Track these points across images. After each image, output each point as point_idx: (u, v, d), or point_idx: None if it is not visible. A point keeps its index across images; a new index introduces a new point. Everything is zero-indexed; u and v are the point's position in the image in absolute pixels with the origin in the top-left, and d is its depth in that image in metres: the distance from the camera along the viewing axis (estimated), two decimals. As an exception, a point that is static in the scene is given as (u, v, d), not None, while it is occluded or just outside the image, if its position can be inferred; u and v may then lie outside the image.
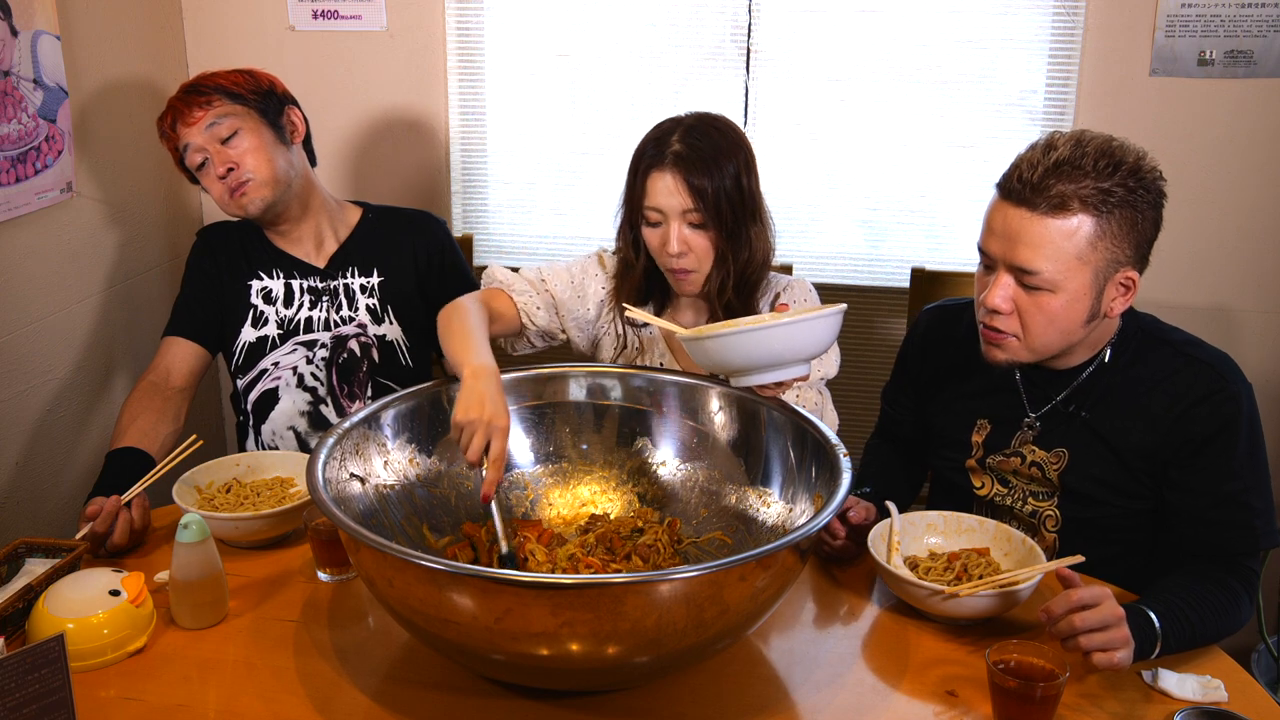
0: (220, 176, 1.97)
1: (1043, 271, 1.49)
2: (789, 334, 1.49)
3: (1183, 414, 1.55)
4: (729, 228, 1.74)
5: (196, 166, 1.99)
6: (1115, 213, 1.47)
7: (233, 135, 1.96)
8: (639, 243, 1.81)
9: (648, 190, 1.74)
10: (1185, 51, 2.44)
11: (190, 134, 1.96)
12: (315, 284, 2.08)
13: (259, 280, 2.08)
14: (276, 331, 2.07)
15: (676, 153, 1.72)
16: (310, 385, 2.07)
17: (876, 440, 1.96)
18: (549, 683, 1.33)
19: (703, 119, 1.77)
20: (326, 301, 2.08)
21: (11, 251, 2.14)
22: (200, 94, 1.97)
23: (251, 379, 2.07)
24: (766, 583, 1.26)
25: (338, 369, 2.07)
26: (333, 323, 2.07)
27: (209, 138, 1.96)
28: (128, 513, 1.64)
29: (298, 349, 2.07)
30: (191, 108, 1.96)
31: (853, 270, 2.70)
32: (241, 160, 1.96)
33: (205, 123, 1.95)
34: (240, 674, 1.39)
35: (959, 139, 2.59)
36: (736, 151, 1.75)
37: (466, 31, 2.67)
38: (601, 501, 1.68)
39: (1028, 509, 1.69)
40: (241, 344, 2.06)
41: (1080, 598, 1.34)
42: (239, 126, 1.97)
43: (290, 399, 2.07)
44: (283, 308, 2.07)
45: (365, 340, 2.08)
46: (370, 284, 2.09)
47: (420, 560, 1.19)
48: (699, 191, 1.70)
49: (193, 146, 1.97)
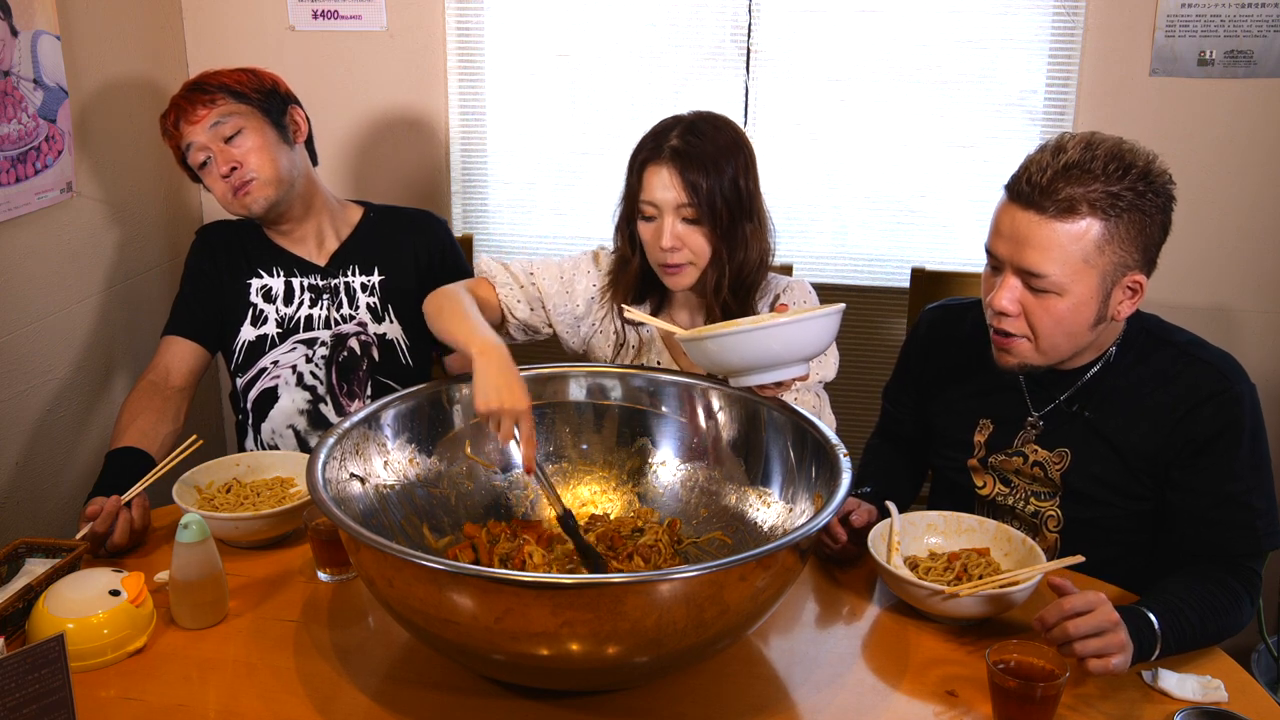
0: (223, 175, 1.96)
1: (1050, 275, 1.49)
2: (787, 334, 1.49)
3: (1186, 414, 1.55)
4: (724, 226, 1.74)
5: (199, 165, 1.98)
6: (1124, 217, 1.47)
7: (236, 134, 1.96)
8: (635, 238, 1.81)
9: (644, 184, 1.75)
10: (1185, 51, 2.44)
11: (193, 132, 1.96)
12: (316, 282, 2.08)
13: (259, 278, 2.07)
14: (276, 330, 2.06)
15: (674, 148, 1.72)
16: (310, 384, 2.07)
17: (877, 440, 1.96)
18: (549, 683, 1.33)
19: (704, 117, 1.78)
20: (327, 300, 2.07)
21: (11, 251, 2.14)
22: (204, 92, 1.96)
23: (251, 377, 2.07)
24: (766, 583, 1.26)
25: (337, 367, 2.07)
26: (333, 321, 2.07)
27: (212, 136, 1.95)
28: (128, 513, 1.64)
29: (297, 347, 2.06)
30: (195, 106, 1.95)
31: (853, 270, 2.70)
32: (245, 159, 1.96)
33: (209, 121, 1.95)
34: (240, 674, 1.39)
35: (959, 139, 2.59)
36: (736, 152, 1.75)
37: (466, 31, 2.67)
38: (602, 501, 1.68)
39: (1029, 509, 1.69)
40: (241, 342, 2.06)
41: (1073, 605, 1.34)
42: (242, 125, 1.96)
43: (290, 397, 2.07)
44: (283, 306, 2.06)
45: (365, 339, 2.08)
46: (371, 282, 2.09)
47: (420, 560, 1.19)
48: (693, 187, 1.71)
49: (196, 145, 1.96)
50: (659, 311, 1.89)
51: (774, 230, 1.84)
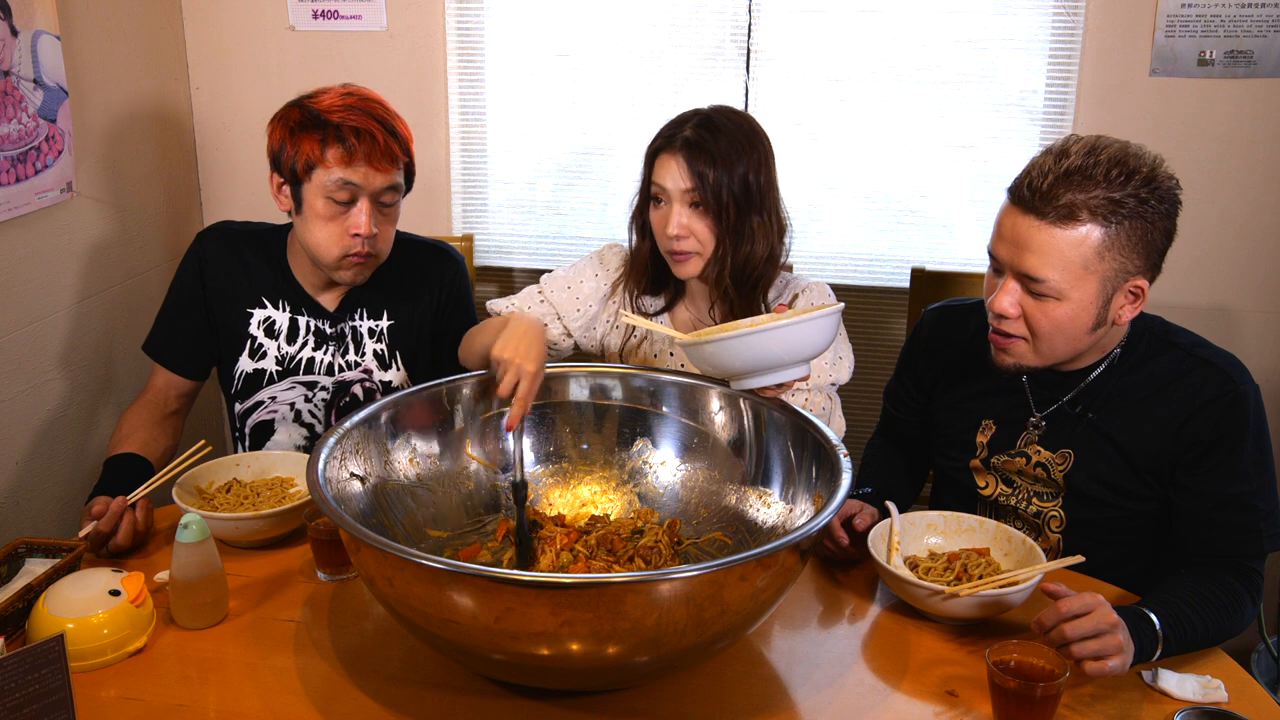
0: (354, 234, 1.81)
1: (1049, 280, 1.49)
2: (786, 336, 1.49)
3: (1190, 416, 1.55)
4: (730, 218, 1.76)
5: (337, 198, 1.79)
6: (1125, 223, 1.46)
7: (389, 206, 1.85)
8: (647, 226, 1.86)
9: (655, 170, 1.81)
10: (1185, 51, 2.44)
11: (373, 179, 1.79)
12: (323, 327, 1.96)
13: (262, 309, 1.95)
14: (275, 368, 1.97)
15: (686, 138, 1.77)
16: (308, 421, 2.00)
17: (878, 440, 1.96)
18: (549, 682, 1.33)
19: (722, 111, 1.81)
20: (332, 346, 1.97)
21: (11, 251, 2.14)
22: (399, 145, 1.83)
23: (248, 407, 2.00)
24: (766, 583, 1.26)
25: (338, 410, 2.00)
26: (336, 368, 1.97)
27: (381, 194, 1.82)
28: (132, 514, 1.64)
29: (296, 387, 1.98)
30: (388, 152, 1.80)
31: (853, 270, 2.70)
32: (382, 236, 1.85)
33: (390, 183, 1.82)
34: (240, 674, 1.39)
35: (959, 139, 2.59)
36: (750, 148, 1.77)
37: (466, 31, 2.67)
38: (602, 501, 1.68)
39: (1032, 509, 1.69)
40: (239, 372, 1.97)
41: (1070, 608, 1.34)
42: (396, 200, 1.87)
43: (286, 432, 2.01)
44: (285, 344, 1.96)
45: (369, 385, 1.99)
46: (379, 328, 1.98)
47: (420, 559, 1.19)
48: (700, 175, 1.75)
49: (359, 187, 1.79)
50: (675, 301, 1.93)
51: (791, 229, 1.87)
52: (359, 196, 1.80)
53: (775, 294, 1.88)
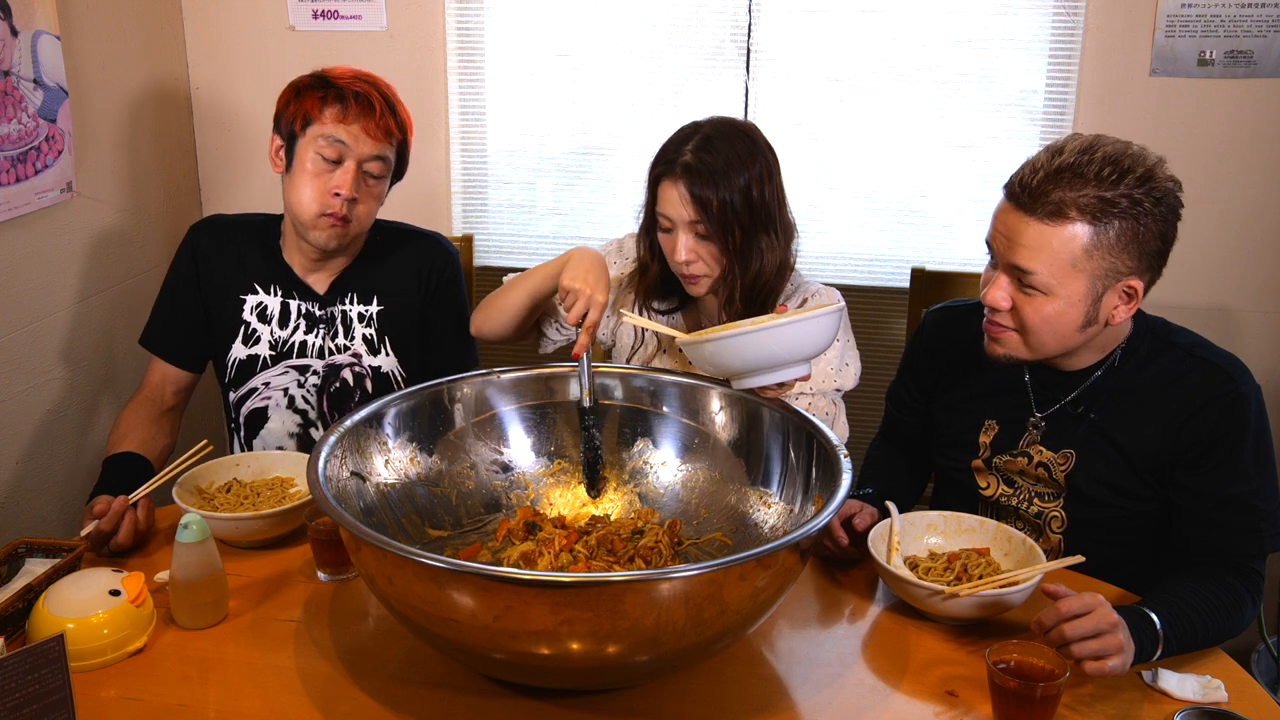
0: (334, 193, 1.84)
1: (1037, 273, 1.49)
2: (785, 335, 1.49)
3: (1191, 416, 1.55)
4: (736, 242, 1.74)
5: (321, 155, 1.83)
6: (1115, 223, 1.46)
7: (374, 180, 1.89)
8: (655, 246, 1.83)
9: (659, 198, 1.77)
10: (1185, 51, 2.44)
11: (361, 142, 1.84)
12: (313, 310, 1.98)
13: (254, 295, 1.98)
14: (269, 352, 1.99)
15: (685, 164, 1.72)
16: (301, 408, 2.01)
17: (880, 440, 1.96)
18: (549, 682, 1.33)
19: (721, 126, 1.77)
20: (322, 329, 1.99)
21: (11, 251, 2.14)
22: (395, 121, 1.88)
23: (242, 394, 2.01)
24: (766, 583, 1.26)
25: (329, 396, 2.01)
26: (327, 351, 1.99)
27: (366, 161, 1.85)
28: (134, 514, 1.64)
29: (289, 371, 2.00)
30: (383, 123, 1.85)
31: (853, 270, 2.70)
32: (363, 209, 1.88)
33: (378, 151, 1.86)
34: (240, 674, 1.39)
35: (959, 139, 2.59)
36: (751, 162, 1.73)
37: (466, 31, 2.67)
38: (602, 501, 1.68)
39: (1033, 510, 1.69)
40: (232, 359, 1.99)
41: (1070, 608, 1.34)
42: (382, 179, 1.90)
43: (280, 419, 2.02)
44: (277, 328, 1.98)
45: (359, 370, 2.00)
46: (369, 313, 1.99)
47: (420, 557, 1.19)
48: (703, 204, 1.71)
49: (345, 144, 1.83)
50: (683, 310, 1.91)
51: (798, 235, 1.84)
52: (346, 158, 1.84)
53: (783, 298, 1.86)
